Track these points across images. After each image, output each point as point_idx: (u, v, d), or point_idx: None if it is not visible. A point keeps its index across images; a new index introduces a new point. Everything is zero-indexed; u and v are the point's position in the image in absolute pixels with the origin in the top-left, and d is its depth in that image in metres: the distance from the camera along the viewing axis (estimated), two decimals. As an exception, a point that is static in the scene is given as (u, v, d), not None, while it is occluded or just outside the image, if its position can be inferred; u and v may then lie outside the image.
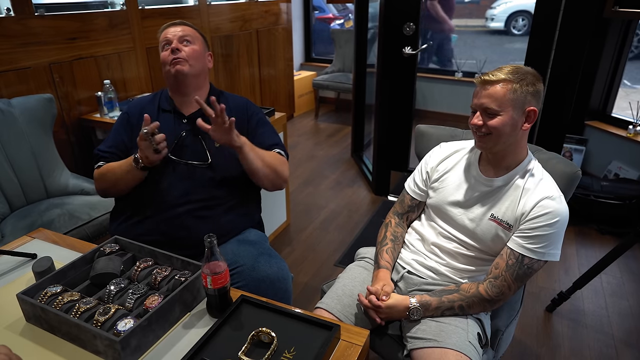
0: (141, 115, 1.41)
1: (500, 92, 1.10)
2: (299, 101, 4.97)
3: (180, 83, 1.44)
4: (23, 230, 1.71)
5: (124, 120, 1.51)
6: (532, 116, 1.13)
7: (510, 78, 1.10)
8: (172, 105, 1.48)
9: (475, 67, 4.49)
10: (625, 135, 2.91)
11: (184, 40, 1.43)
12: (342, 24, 6.45)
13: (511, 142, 1.15)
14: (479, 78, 1.14)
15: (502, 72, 1.11)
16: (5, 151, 1.87)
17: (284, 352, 0.89)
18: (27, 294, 0.97)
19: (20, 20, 2.09)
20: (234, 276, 1.29)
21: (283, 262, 1.36)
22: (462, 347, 1.09)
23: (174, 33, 1.43)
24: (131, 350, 0.87)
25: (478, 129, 1.15)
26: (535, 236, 1.11)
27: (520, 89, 1.10)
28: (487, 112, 1.12)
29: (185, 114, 1.47)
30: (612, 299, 2.11)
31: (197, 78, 1.46)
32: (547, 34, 2.32)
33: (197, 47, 1.46)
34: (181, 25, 1.47)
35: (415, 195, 1.37)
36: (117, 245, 1.16)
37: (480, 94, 1.14)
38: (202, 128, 1.29)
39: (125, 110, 1.54)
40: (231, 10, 3.53)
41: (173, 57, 1.40)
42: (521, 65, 1.15)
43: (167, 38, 1.43)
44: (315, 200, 3.10)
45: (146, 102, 1.53)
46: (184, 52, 1.41)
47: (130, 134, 1.47)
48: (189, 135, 1.44)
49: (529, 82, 1.11)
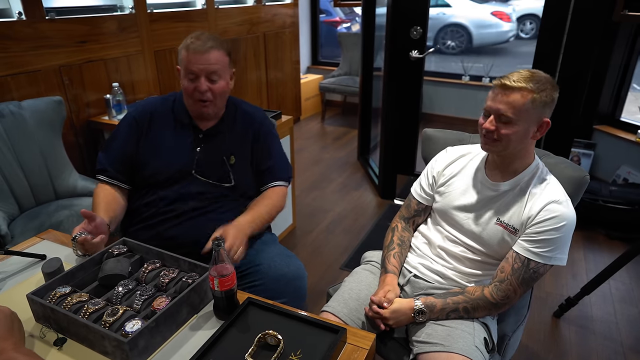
0: (152, 122, 1.42)
1: (519, 101, 1.07)
2: (306, 104, 4.98)
3: (203, 116, 1.41)
4: (32, 231, 1.72)
5: (131, 126, 1.43)
6: (545, 127, 1.12)
7: (531, 87, 1.07)
8: (189, 119, 1.43)
9: (482, 70, 4.48)
10: (635, 139, 2.89)
11: (213, 75, 1.33)
12: (349, 27, 6.46)
13: (519, 149, 1.15)
14: (499, 81, 1.10)
15: (524, 79, 1.07)
16: (15, 153, 1.89)
17: (290, 354, 0.89)
18: (36, 295, 0.98)
19: (32, 24, 2.12)
20: (252, 275, 1.32)
21: (299, 261, 1.39)
22: (469, 351, 1.08)
23: (202, 66, 1.31)
24: (139, 351, 0.88)
25: (489, 133, 1.13)
26: (541, 240, 1.11)
27: (539, 100, 1.08)
28: (502, 118, 1.10)
29: (202, 129, 1.43)
30: (621, 305, 2.09)
31: (220, 109, 1.43)
32: (555, 37, 2.31)
33: (225, 81, 1.37)
34: (211, 51, 1.31)
35: (421, 200, 1.37)
36: (125, 247, 1.16)
37: (498, 98, 1.10)
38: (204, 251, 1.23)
39: (132, 115, 1.45)
40: (239, 14, 3.55)
41: (200, 99, 1.35)
42: (540, 72, 1.12)
43: (193, 71, 1.31)
44: (321, 203, 3.10)
45: (158, 108, 1.45)
46: (210, 93, 1.34)
47: (136, 143, 1.41)
48: (204, 150, 1.41)
49: (548, 92, 1.09)
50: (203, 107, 1.37)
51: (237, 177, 1.42)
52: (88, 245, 1.17)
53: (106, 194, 1.39)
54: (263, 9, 3.83)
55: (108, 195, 1.39)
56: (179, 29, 2.95)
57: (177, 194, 1.38)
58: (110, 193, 1.40)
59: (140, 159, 1.41)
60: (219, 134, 1.44)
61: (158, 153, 1.41)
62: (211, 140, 1.43)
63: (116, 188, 1.42)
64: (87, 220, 1.20)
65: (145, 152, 1.41)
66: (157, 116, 1.44)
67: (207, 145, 1.42)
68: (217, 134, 1.44)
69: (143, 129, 1.42)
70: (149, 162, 1.41)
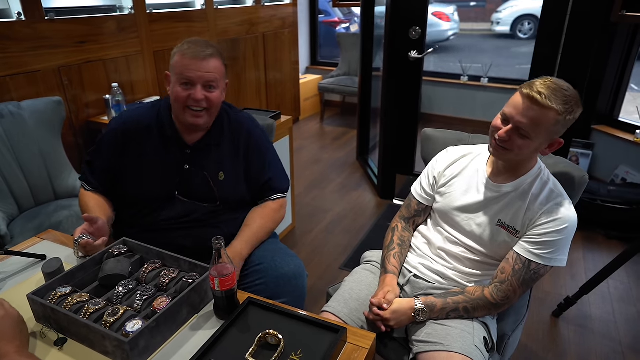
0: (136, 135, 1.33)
1: (544, 120, 1.03)
2: (305, 104, 4.98)
3: (192, 128, 1.33)
4: (32, 232, 1.72)
5: (116, 142, 1.35)
6: (556, 146, 1.12)
7: (560, 110, 1.02)
8: (174, 132, 1.34)
9: (481, 71, 4.49)
10: (633, 139, 2.90)
11: (210, 83, 1.26)
12: (347, 27, 6.47)
13: (527, 158, 1.15)
14: (529, 92, 1.03)
15: (555, 97, 1.02)
16: (14, 153, 1.89)
17: (290, 354, 0.89)
18: (37, 295, 0.98)
19: (31, 24, 2.12)
20: (254, 274, 1.32)
21: (299, 260, 1.38)
22: (469, 350, 1.09)
23: (200, 73, 1.23)
24: (139, 351, 0.88)
25: (502, 140, 1.10)
26: (543, 242, 1.11)
27: (563, 122, 1.04)
28: (521, 131, 1.06)
29: (188, 143, 1.34)
30: (620, 304, 2.10)
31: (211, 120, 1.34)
32: (553, 37, 2.32)
33: (219, 92, 1.29)
34: (211, 59, 1.25)
35: (422, 200, 1.37)
36: (125, 247, 1.17)
37: (522, 109, 1.05)
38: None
39: (115, 129, 1.35)
40: (238, 14, 3.55)
41: (192, 111, 1.26)
42: (569, 88, 1.05)
43: (190, 78, 1.23)
44: (320, 203, 3.10)
45: (143, 120, 1.35)
46: (205, 102, 1.26)
47: (119, 159, 1.35)
48: (191, 168, 1.34)
49: (573, 114, 1.05)
50: (196, 117, 1.27)
51: (226, 195, 1.36)
52: (89, 247, 1.18)
53: (94, 197, 1.37)
54: (262, 9, 3.83)
55: (97, 198, 1.37)
56: (179, 30, 2.95)
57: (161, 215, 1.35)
58: (98, 197, 1.38)
59: (122, 176, 1.36)
60: (207, 147, 1.35)
61: (140, 175, 1.35)
62: (199, 155, 1.35)
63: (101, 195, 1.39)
64: (88, 223, 1.20)
65: (127, 171, 1.35)
66: (142, 130, 1.34)
67: (194, 162, 1.34)
68: (205, 148, 1.35)
69: (126, 144, 1.35)
70: (130, 183, 1.36)
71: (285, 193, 1.48)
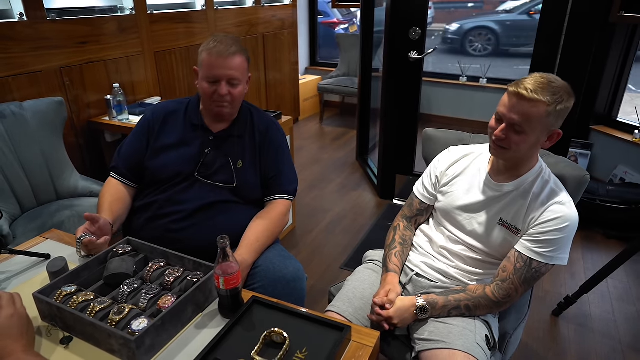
0: (164, 123, 1.45)
1: (534, 113, 1.05)
2: (304, 105, 4.99)
3: (219, 118, 1.44)
4: (34, 232, 1.73)
5: (144, 127, 1.47)
6: (555, 138, 1.13)
7: (547, 101, 1.04)
8: (201, 121, 1.45)
9: (479, 71, 4.51)
10: (631, 139, 2.92)
11: (234, 80, 1.35)
12: (346, 28, 6.48)
13: (527, 155, 1.16)
14: (515, 89, 1.07)
15: (541, 89, 1.04)
16: (16, 153, 1.89)
17: (296, 352, 0.90)
18: (42, 294, 0.98)
19: (33, 25, 2.12)
20: (251, 277, 1.31)
21: (298, 262, 1.38)
22: (470, 348, 1.10)
23: (224, 72, 1.33)
24: (145, 349, 0.89)
25: (499, 140, 1.12)
26: (544, 240, 1.12)
27: (554, 112, 1.06)
28: (515, 127, 1.09)
29: (213, 131, 1.44)
30: (619, 303, 2.11)
31: (235, 111, 1.45)
32: (553, 38, 2.33)
33: (243, 86, 1.40)
34: (234, 57, 1.34)
35: (424, 199, 1.38)
36: (129, 246, 1.17)
37: (512, 106, 1.08)
38: None
39: (147, 117, 1.49)
40: (238, 15, 3.56)
41: (218, 102, 1.37)
42: (557, 80, 1.09)
43: (215, 75, 1.33)
44: (320, 203, 3.11)
45: (170, 111, 1.48)
46: (229, 97, 1.36)
47: (147, 143, 1.45)
48: (213, 152, 1.42)
49: (564, 104, 1.07)
50: (221, 107, 1.38)
51: (241, 180, 1.42)
52: (92, 246, 1.19)
53: (112, 193, 1.41)
54: (262, 10, 3.84)
55: (114, 194, 1.41)
56: (179, 30, 2.96)
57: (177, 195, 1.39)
58: (118, 191, 1.42)
59: (147, 157, 1.43)
60: (230, 137, 1.44)
61: (163, 152, 1.43)
62: (221, 143, 1.43)
63: (124, 186, 1.45)
64: (90, 222, 1.21)
65: (152, 151, 1.43)
66: (170, 118, 1.46)
67: (216, 147, 1.43)
68: (228, 138, 1.44)
69: (155, 130, 1.45)
70: (153, 160, 1.42)
71: (291, 196, 1.50)
